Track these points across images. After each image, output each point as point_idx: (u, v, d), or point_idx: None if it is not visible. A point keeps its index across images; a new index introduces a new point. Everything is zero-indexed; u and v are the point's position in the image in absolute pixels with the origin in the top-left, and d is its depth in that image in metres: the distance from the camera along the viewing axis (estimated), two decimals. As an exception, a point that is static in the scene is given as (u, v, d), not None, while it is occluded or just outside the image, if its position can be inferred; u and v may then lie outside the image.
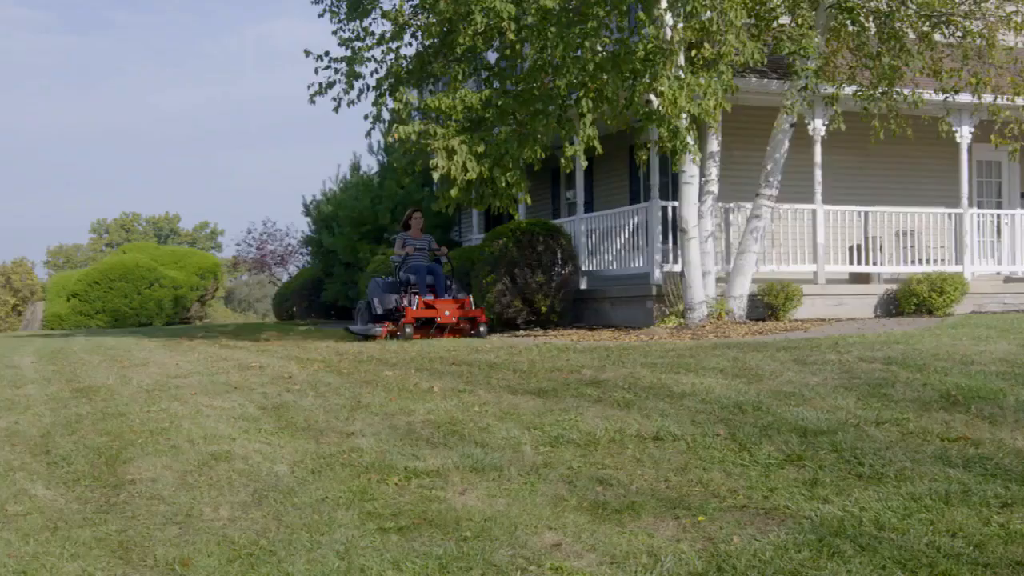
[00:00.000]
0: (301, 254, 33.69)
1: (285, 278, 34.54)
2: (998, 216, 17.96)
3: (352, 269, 23.74)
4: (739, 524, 4.99)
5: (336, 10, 14.79)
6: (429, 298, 15.07)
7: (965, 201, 17.13)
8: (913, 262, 16.89)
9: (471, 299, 15.25)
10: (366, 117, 14.62)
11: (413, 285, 15.18)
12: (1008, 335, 10.86)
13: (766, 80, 15.76)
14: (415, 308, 14.81)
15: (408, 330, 14.52)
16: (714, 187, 14.71)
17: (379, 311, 15.26)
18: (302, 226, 58.37)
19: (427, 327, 14.94)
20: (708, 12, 12.97)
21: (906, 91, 15.16)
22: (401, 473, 6.19)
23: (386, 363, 10.86)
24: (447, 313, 14.83)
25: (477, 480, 6.00)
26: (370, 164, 29.57)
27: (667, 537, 4.90)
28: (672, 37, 12.82)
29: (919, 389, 7.59)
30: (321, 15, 14.89)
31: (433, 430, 7.29)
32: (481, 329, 14.78)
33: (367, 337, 15.05)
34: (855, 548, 4.54)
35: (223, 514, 5.60)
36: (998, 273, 18.00)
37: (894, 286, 16.36)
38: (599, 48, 13.02)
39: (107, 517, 5.65)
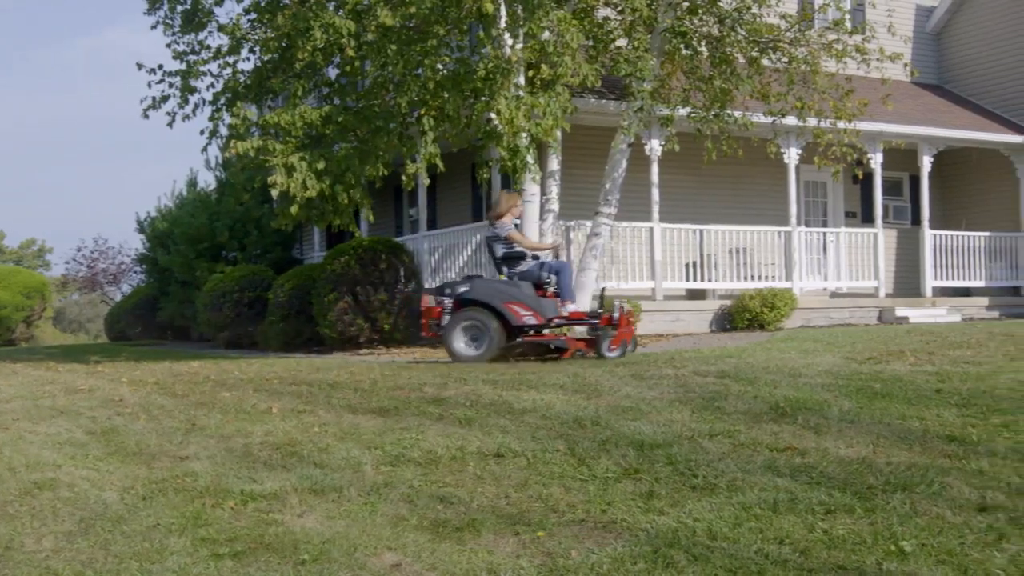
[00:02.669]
0: (135, 272, 32.68)
1: (118, 297, 33.42)
2: (824, 234, 18.78)
3: (189, 287, 23.10)
4: (577, 538, 5.04)
5: (170, 23, 14.43)
6: (572, 306, 12.07)
7: (793, 220, 17.86)
8: (746, 278, 17.48)
9: None
10: (202, 132, 14.30)
11: (548, 287, 11.94)
12: (833, 348, 11.34)
13: (604, 101, 16.10)
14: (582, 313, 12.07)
15: (630, 346, 11.72)
16: (555, 205, 14.92)
17: (532, 320, 11.63)
18: (136, 244, 56.52)
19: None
20: (546, 33, 13.18)
21: (737, 113, 15.69)
22: (237, 497, 6.03)
23: (223, 384, 10.59)
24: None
25: (316, 502, 5.89)
26: (208, 180, 28.97)
27: (507, 553, 4.91)
28: (511, 57, 12.96)
29: (750, 401, 7.83)
30: (154, 27, 14.49)
31: (271, 452, 7.13)
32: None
33: (540, 351, 12.17)
34: (688, 558, 4.64)
35: (46, 545, 5.34)
36: (825, 289, 18.83)
37: (728, 302, 16.91)
38: (440, 66, 13.07)
39: (-82, 552, 5.32)
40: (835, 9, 16.05)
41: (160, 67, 14.21)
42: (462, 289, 11.88)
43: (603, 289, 13.11)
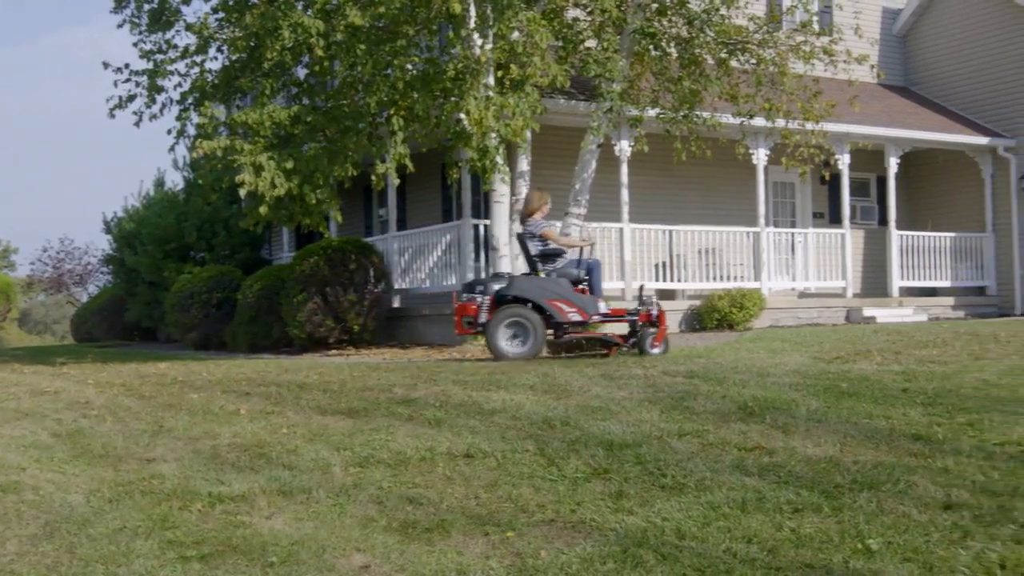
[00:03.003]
0: (102, 273, 32.44)
1: (85, 298, 33.15)
2: (792, 235, 18.90)
3: (156, 288, 22.93)
4: (547, 538, 5.04)
5: (137, 21, 14.31)
6: (603, 305, 11.92)
7: (762, 220, 17.96)
8: (715, 279, 17.57)
9: None
10: (169, 132, 14.18)
11: (585, 284, 11.86)
12: (801, 348, 11.41)
13: (574, 101, 16.12)
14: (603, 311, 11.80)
15: (666, 344, 11.61)
16: (524, 206, 14.91)
17: (576, 317, 11.52)
18: (103, 244, 56.14)
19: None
20: (515, 33, 13.18)
21: (705, 114, 15.75)
22: (205, 499, 5.99)
23: (191, 386, 10.52)
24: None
25: (285, 503, 5.87)
26: (175, 180, 28.80)
27: (476, 554, 4.91)
28: (480, 57, 12.95)
29: (719, 401, 7.87)
30: (121, 26, 14.37)
31: (239, 453, 7.09)
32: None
33: (582, 348, 11.93)
34: (657, 557, 4.65)
35: (10, 549, 5.28)
36: (793, 289, 18.95)
37: (698, 302, 16.98)
38: (409, 67, 13.04)
39: None
40: (803, 11, 16.16)
41: (127, 66, 14.09)
42: (499, 286, 11.63)
43: (642, 287, 12.95)
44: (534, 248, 12.01)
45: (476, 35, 13.21)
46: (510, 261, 14.21)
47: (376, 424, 7.77)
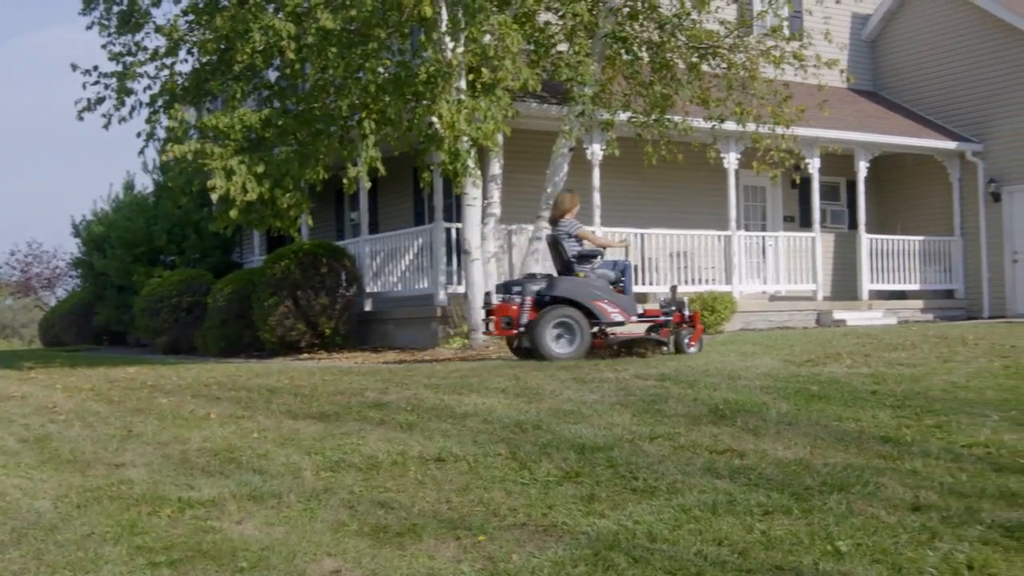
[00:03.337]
0: (70, 277, 32.21)
1: (53, 302, 32.85)
2: (763, 238, 19.01)
3: (126, 292, 22.77)
4: (519, 542, 5.04)
5: (106, 23, 14.20)
6: (639, 307, 12.18)
7: (733, 224, 18.05)
8: (687, 282, 17.62)
9: None
10: (139, 135, 14.08)
11: (621, 285, 11.93)
12: (772, 351, 11.47)
13: (546, 105, 16.14)
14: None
15: (701, 343, 11.85)
16: (497, 209, 14.93)
17: (619, 318, 11.63)
18: (71, 247, 55.60)
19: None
20: (487, 37, 13.18)
21: (677, 118, 15.80)
22: (174, 504, 5.95)
23: (160, 390, 10.45)
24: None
25: (255, 508, 5.83)
26: (145, 183, 28.50)
27: (448, 558, 4.90)
28: (452, 61, 12.94)
29: (690, 404, 7.89)
30: (90, 27, 14.26)
31: (209, 458, 7.05)
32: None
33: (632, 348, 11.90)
34: (629, 560, 4.66)
35: (-24, 556, 5.23)
36: (764, 292, 19.04)
37: (669, 305, 17.00)
38: (381, 70, 13.00)
39: None
40: (773, 16, 16.24)
41: (95, 68, 14.00)
42: (538, 287, 11.58)
43: (674, 288, 12.98)
44: (572, 249, 11.96)
45: (448, 38, 13.20)
46: (482, 265, 14.21)
47: (347, 428, 7.74)
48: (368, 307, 17.04)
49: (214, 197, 12.62)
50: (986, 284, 20.46)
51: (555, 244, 12.15)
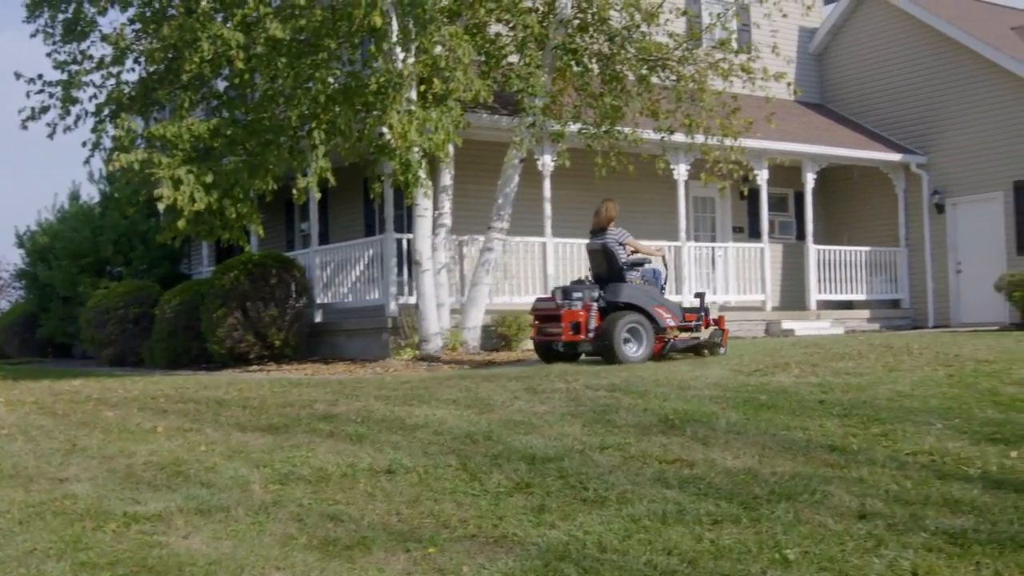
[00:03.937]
0: (14, 288, 31.62)
1: (-4, 314, 32.23)
2: (713, 249, 19.16)
3: (71, 304, 22.41)
4: (469, 554, 5.03)
5: (51, 31, 13.99)
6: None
7: (683, 235, 18.18)
8: (636, 292, 17.67)
9: None
10: (84, 144, 13.89)
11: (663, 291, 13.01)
12: (721, 361, 11.56)
13: (497, 116, 16.16)
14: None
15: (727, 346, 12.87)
16: (448, 220, 14.91)
17: (672, 323, 12.48)
18: (15, 259, 54.68)
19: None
20: (438, 48, 13.18)
21: (627, 130, 15.87)
22: (120, 519, 5.86)
23: (106, 403, 10.30)
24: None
25: (202, 522, 5.77)
26: (91, 193, 28.20)
27: (398, 571, 4.87)
28: (403, 71, 12.92)
29: (640, 414, 7.92)
30: (34, 35, 14.06)
31: (156, 472, 6.96)
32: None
33: (698, 350, 12.73)
34: (579, 571, 4.66)
35: (-86, 574, 5.11)
36: (714, 302, 19.15)
37: (619, 316, 17.05)
38: (331, 80, 12.94)
39: None
40: (721, 29, 16.39)
41: (40, 77, 13.79)
42: (601, 293, 12.28)
43: (702, 295, 13.85)
44: (622, 256, 12.59)
45: (399, 49, 13.18)
46: (433, 275, 14.18)
47: (297, 440, 7.68)
48: (318, 318, 16.93)
49: (161, 207, 12.45)
50: (931, 294, 20.77)
51: (604, 252, 12.64)
